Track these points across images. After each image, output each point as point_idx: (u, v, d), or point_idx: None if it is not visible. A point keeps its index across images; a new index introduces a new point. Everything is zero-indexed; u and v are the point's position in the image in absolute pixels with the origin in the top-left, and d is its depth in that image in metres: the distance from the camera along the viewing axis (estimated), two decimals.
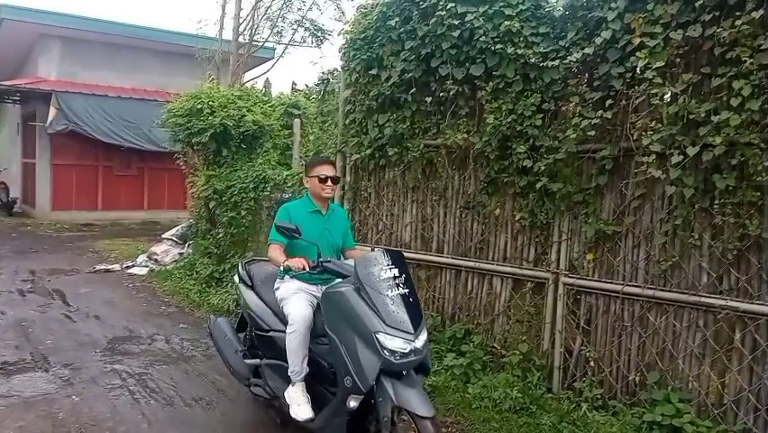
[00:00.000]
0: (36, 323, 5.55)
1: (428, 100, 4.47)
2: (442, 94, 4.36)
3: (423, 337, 2.82)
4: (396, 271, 2.90)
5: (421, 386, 2.86)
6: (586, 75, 3.80)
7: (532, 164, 3.91)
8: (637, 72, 3.41)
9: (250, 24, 11.81)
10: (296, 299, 3.21)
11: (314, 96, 9.05)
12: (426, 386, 3.86)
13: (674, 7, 3.24)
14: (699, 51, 3.26)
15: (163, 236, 9.22)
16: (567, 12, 3.90)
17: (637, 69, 3.38)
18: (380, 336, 2.69)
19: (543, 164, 3.84)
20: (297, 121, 7.09)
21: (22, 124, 15.34)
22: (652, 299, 3.52)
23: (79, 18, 13.07)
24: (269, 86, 13.58)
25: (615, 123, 3.61)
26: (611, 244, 3.74)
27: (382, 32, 4.67)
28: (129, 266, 8.45)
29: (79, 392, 3.98)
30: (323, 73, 8.51)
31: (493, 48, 3.99)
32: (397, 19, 4.54)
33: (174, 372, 4.46)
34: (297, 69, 38.67)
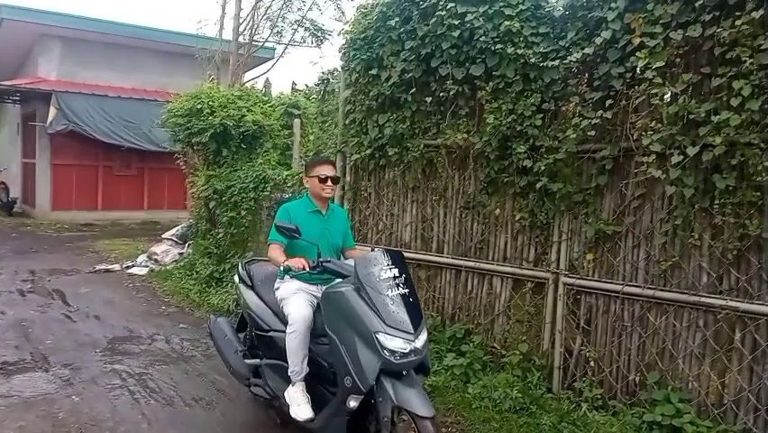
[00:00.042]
0: (36, 323, 5.55)
1: (428, 100, 4.47)
2: (442, 94, 4.36)
3: (423, 337, 2.82)
4: (396, 271, 2.90)
5: (421, 386, 2.86)
6: (586, 75, 3.80)
7: (532, 164, 3.91)
8: (637, 72, 3.41)
9: (250, 24, 11.82)
10: (296, 299, 3.21)
11: (314, 96, 9.05)
12: (426, 386, 3.86)
13: (674, 7, 3.24)
14: (699, 51, 3.26)
15: (163, 236, 9.22)
16: (567, 12, 3.90)
17: (637, 69, 3.38)
18: (380, 336, 2.69)
19: (543, 164, 3.84)
20: (297, 121, 7.09)
21: (22, 124, 15.35)
22: (652, 299, 3.52)
23: (79, 18, 13.08)
24: (269, 86, 13.59)
25: (615, 123, 3.61)
26: (611, 244, 3.74)
27: (382, 32, 4.67)
28: (129, 266, 8.45)
29: (79, 392, 3.98)
30: (323, 73, 8.52)
31: (493, 48, 3.99)
32: (397, 19, 4.54)
33: (174, 372, 4.46)
34: (297, 69, 38.71)
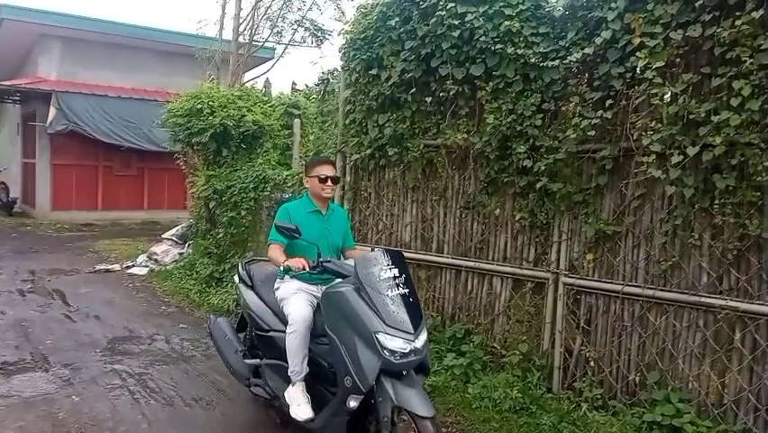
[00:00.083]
0: (36, 323, 5.55)
1: (428, 100, 4.47)
2: (442, 94, 4.36)
3: (423, 337, 2.82)
4: (396, 271, 2.90)
5: (421, 386, 2.86)
6: (586, 75, 3.80)
7: (532, 164, 3.91)
8: (637, 72, 3.41)
9: (250, 24, 11.82)
10: (296, 299, 3.21)
11: (314, 96, 9.05)
12: (426, 386, 3.86)
13: (674, 7, 3.24)
14: (699, 51, 3.26)
15: (163, 236, 9.22)
16: (567, 12, 3.90)
17: (637, 69, 3.38)
18: (380, 336, 2.69)
19: (543, 164, 3.84)
20: (297, 121, 7.09)
21: (22, 124, 15.35)
22: (652, 299, 3.52)
23: (79, 18, 13.08)
24: (269, 86, 13.59)
25: (615, 123, 3.61)
26: (611, 244, 3.74)
27: (382, 32, 4.67)
28: (129, 266, 8.45)
29: (79, 392, 3.98)
30: (323, 73, 8.52)
31: (493, 48, 3.99)
32: (397, 19, 4.54)
33: (174, 372, 4.46)
34: (297, 69, 38.71)
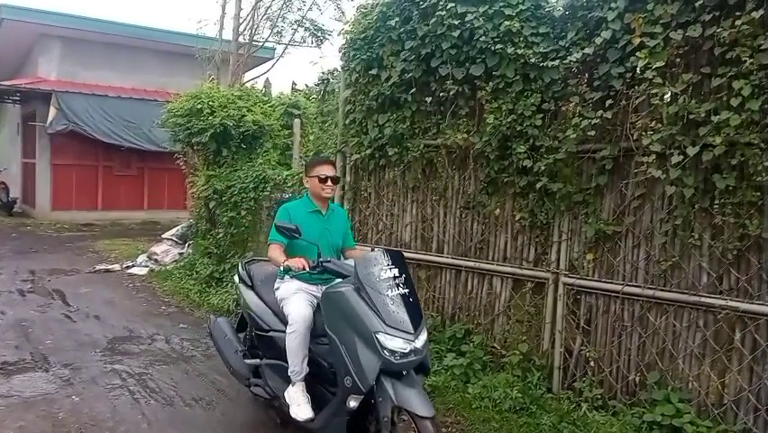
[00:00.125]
0: (36, 323, 5.55)
1: (428, 100, 4.47)
2: (442, 94, 4.36)
3: (423, 337, 2.82)
4: (396, 271, 2.90)
5: (421, 386, 2.86)
6: (586, 75, 3.80)
7: (532, 164, 3.91)
8: (637, 72, 3.41)
9: (250, 24, 11.82)
10: (296, 299, 3.21)
11: (314, 96, 9.05)
12: (426, 386, 3.86)
13: (674, 7, 3.24)
14: (699, 51, 3.26)
15: (163, 236, 9.22)
16: (567, 12, 3.90)
17: (637, 69, 3.38)
18: (380, 335, 2.69)
19: (543, 164, 3.84)
20: (297, 121, 7.09)
21: (22, 124, 15.35)
22: (652, 299, 3.52)
23: (79, 18, 13.08)
24: (269, 86, 13.58)
25: (615, 123, 3.61)
26: (611, 244, 3.74)
27: (382, 32, 4.67)
28: (129, 266, 8.45)
29: (79, 392, 3.98)
30: (323, 73, 8.52)
31: (493, 48, 3.99)
32: (397, 19, 4.54)
33: (174, 372, 4.46)
34: (297, 69, 38.71)
